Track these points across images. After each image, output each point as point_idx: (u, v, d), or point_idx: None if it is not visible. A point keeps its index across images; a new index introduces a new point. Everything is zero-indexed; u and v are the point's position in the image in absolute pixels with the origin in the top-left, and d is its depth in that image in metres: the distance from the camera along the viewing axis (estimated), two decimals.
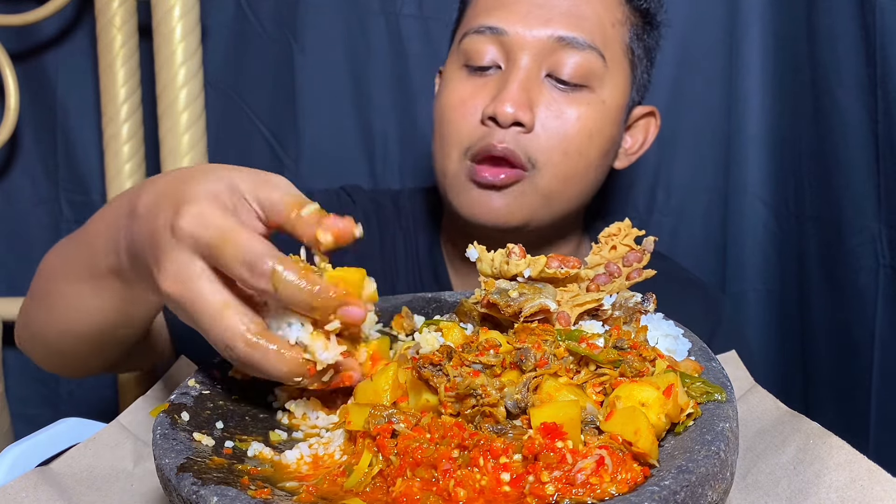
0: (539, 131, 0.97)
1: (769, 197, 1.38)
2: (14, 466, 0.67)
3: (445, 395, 0.55)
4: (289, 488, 0.52)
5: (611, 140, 1.03)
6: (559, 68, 0.97)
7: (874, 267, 1.23)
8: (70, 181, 1.51)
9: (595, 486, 0.46)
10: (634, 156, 1.13)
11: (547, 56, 0.97)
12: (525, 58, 0.97)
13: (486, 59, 1.00)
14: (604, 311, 0.65)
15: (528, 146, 0.97)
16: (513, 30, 0.98)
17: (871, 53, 1.17)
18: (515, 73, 0.97)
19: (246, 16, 1.44)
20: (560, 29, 0.97)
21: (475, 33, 1.00)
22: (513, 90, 0.96)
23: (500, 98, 0.96)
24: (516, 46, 0.97)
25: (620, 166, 1.11)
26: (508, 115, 0.95)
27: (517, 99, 0.95)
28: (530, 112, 0.96)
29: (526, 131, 0.97)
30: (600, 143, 1.01)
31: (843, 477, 0.57)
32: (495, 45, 0.99)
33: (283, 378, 0.57)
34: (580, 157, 0.99)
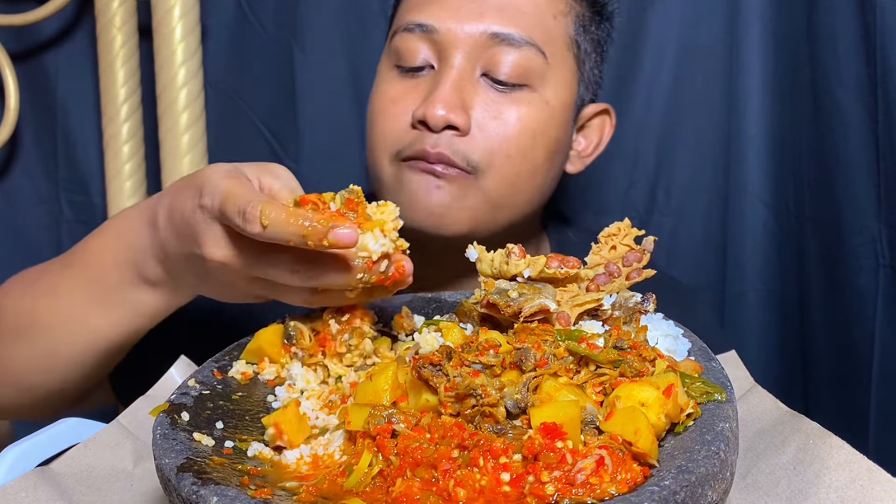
0: (476, 134, 0.90)
1: (769, 197, 1.38)
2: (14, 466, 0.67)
3: (445, 395, 0.55)
4: (289, 488, 0.52)
5: (557, 142, 0.96)
6: (495, 67, 0.91)
7: (874, 267, 1.23)
8: (70, 181, 1.51)
9: (595, 486, 0.46)
10: (589, 158, 1.06)
11: (481, 53, 0.91)
12: (458, 56, 0.91)
13: (418, 58, 0.93)
14: (604, 311, 0.65)
15: (465, 150, 0.90)
16: (444, 26, 0.91)
17: (872, 53, 1.17)
18: (448, 73, 0.91)
19: (246, 16, 1.44)
20: (494, 24, 0.90)
21: (405, 31, 0.94)
22: (444, 91, 0.89)
23: (430, 100, 0.89)
24: (448, 44, 0.91)
25: (574, 170, 1.05)
26: (439, 118, 0.88)
27: (449, 100, 0.89)
28: (464, 114, 0.90)
29: (461, 135, 0.90)
30: (545, 145, 0.94)
31: (843, 477, 0.57)
32: (426, 43, 0.93)
33: (350, 281, 0.64)
34: (524, 160, 0.92)
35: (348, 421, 0.56)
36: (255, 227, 0.61)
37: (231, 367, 0.68)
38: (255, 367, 0.69)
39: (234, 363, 0.69)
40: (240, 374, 0.68)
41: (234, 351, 0.71)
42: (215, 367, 0.68)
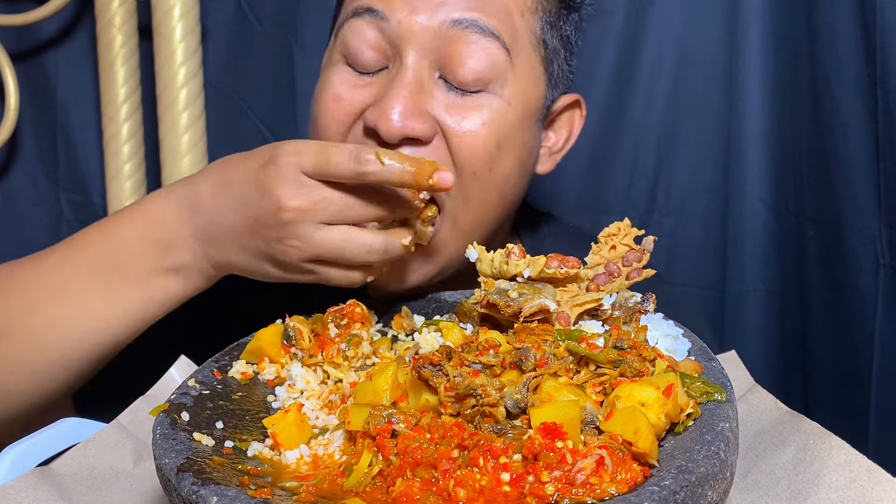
0: (438, 143, 0.80)
1: (769, 197, 1.38)
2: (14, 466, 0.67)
3: (445, 396, 0.55)
4: (289, 488, 0.52)
5: (522, 148, 0.86)
6: (454, 67, 0.80)
7: (874, 267, 1.23)
8: (70, 181, 1.51)
9: (595, 486, 0.46)
10: (559, 154, 0.97)
11: (439, 50, 0.80)
12: (412, 55, 0.80)
13: (368, 59, 0.82)
14: (603, 311, 0.65)
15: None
16: (395, 15, 0.80)
17: (871, 53, 1.17)
18: (402, 74, 0.80)
19: (246, 16, 1.44)
20: (454, 11, 0.79)
21: (354, 17, 0.83)
22: (399, 96, 0.78)
23: (383, 105, 0.78)
24: (402, 39, 0.80)
25: (545, 171, 0.95)
26: (396, 129, 0.77)
27: (405, 107, 0.78)
28: (422, 121, 0.79)
29: (422, 144, 0.80)
30: (513, 152, 0.84)
31: (843, 477, 0.57)
32: (377, 32, 0.81)
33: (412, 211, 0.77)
34: (493, 171, 0.82)
35: (348, 421, 0.56)
36: (372, 166, 0.69)
37: (231, 367, 0.68)
38: (255, 367, 0.69)
39: (234, 363, 0.69)
40: (240, 374, 0.68)
41: (234, 351, 0.71)
42: (215, 367, 0.68)
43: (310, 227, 0.71)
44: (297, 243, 0.72)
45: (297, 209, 0.71)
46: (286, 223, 0.71)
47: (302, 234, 0.72)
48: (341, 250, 0.73)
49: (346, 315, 0.71)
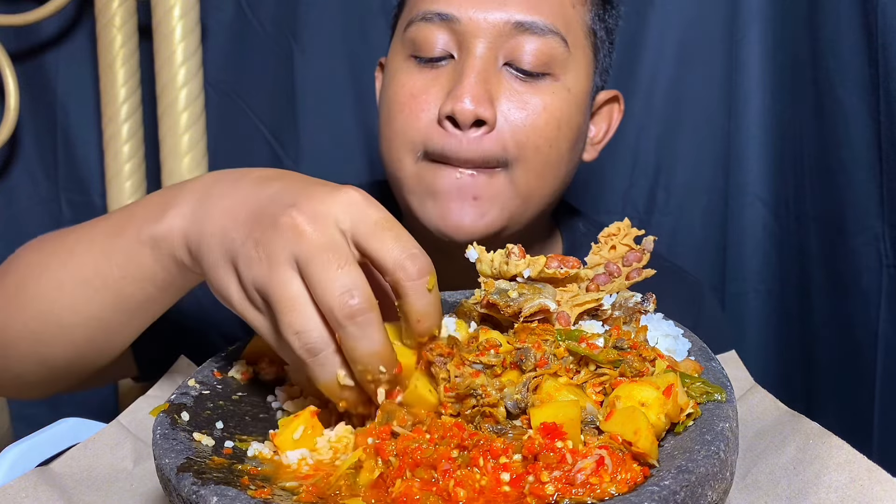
0: (503, 126, 0.88)
1: (769, 197, 1.38)
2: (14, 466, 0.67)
3: (445, 396, 0.55)
4: (289, 488, 0.52)
5: (578, 130, 0.95)
6: (519, 56, 0.89)
7: (877, 267, 1.22)
8: (70, 181, 1.51)
9: (595, 486, 0.46)
10: (600, 145, 1.05)
11: (504, 43, 0.89)
12: (480, 46, 0.88)
13: (437, 48, 0.90)
14: (604, 310, 0.65)
15: (492, 148, 0.88)
16: (465, 15, 0.88)
17: (873, 53, 1.17)
18: (471, 64, 0.88)
19: (246, 16, 1.44)
20: (517, 12, 0.88)
21: (422, 20, 0.90)
22: (470, 83, 0.86)
23: (456, 93, 0.86)
24: (469, 34, 0.88)
25: (589, 158, 1.04)
26: (468, 112, 0.86)
27: (476, 93, 0.86)
28: (491, 107, 0.87)
29: (488, 129, 0.88)
30: (569, 134, 0.93)
31: (843, 477, 0.57)
32: (446, 32, 0.89)
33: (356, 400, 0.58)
34: (551, 150, 0.91)
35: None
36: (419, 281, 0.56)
37: (231, 367, 0.68)
38: (255, 367, 0.69)
39: (234, 363, 0.69)
40: (240, 374, 0.68)
41: (234, 351, 0.71)
42: (215, 367, 0.68)
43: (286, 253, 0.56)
44: (263, 255, 0.57)
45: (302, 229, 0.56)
46: (278, 226, 0.57)
47: (276, 250, 0.56)
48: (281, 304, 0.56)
49: None
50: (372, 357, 0.55)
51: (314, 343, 0.55)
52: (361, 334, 0.54)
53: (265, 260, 0.57)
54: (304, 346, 0.55)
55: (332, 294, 0.54)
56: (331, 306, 0.54)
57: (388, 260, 0.56)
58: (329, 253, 0.55)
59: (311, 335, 0.55)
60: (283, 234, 0.56)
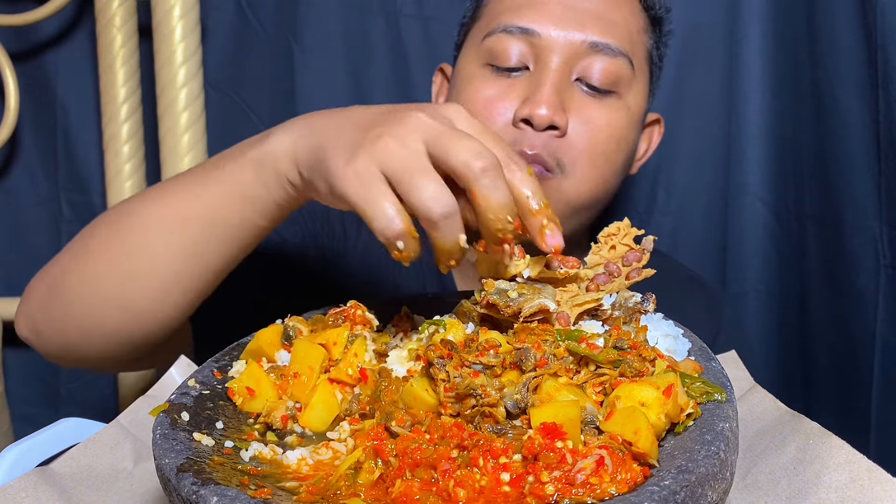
0: (571, 136, 0.95)
1: (769, 197, 1.38)
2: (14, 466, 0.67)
3: (445, 396, 0.55)
4: (289, 488, 0.52)
5: (632, 147, 1.03)
6: (590, 73, 0.96)
7: (875, 267, 1.23)
8: (70, 181, 1.51)
9: (595, 486, 0.46)
10: (640, 162, 1.12)
11: (578, 60, 0.95)
12: (556, 60, 0.95)
13: (514, 59, 0.97)
14: (603, 310, 0.65)
15: (558, 152, 0.94)
16: (545, 31, 0.95)
17: (872, 54, 1.17)
18: (547, 75, 0.94)
19: (246, 16, 1.44)
20: (593, 34, 0.95)
21: (503, 32, 0.97)
22: (547, 92, 0.93)
23: (534, 100, 0.93)
24: (548, 49, 0.95)
25: (633, 172, 1.11)
26: (544, 117, 0.92)
27: (552, 101, 0.93)
28: (564, 115, 0.94)
29: (559, 135, 0.94)
30: (625, 150, 1.00)
31: (843, 477, 0.57)
32: (525, 44, 0.96)
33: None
34: (607, 165, 0.98)
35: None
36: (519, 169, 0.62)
37: (231, 367, 0.68)
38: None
39: (234, 363, 0.69)
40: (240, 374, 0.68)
41: (234, 351, 0.71)
42: (215, 367, 0.68)
43: (416, 135, 0.62)
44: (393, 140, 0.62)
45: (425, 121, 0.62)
46: (403, 117, 0.63)
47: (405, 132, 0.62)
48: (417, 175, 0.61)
49: (346, 317, 0.70)
50: (503, 208, 0.61)
51: (448, 207, 0.60)
52: (495, 185, 0.60)
53: (397, 142, 0.62)
54: (441, 209, 0.60)
55: (466, 155, 0.60)
56: (467, 164, 0.60)
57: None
58: (455, 131, 0.62)
59: (446, 199, 0.60)
60: (410, 122, 0.63)
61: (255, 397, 0.63)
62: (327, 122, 0.70)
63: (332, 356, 0.64)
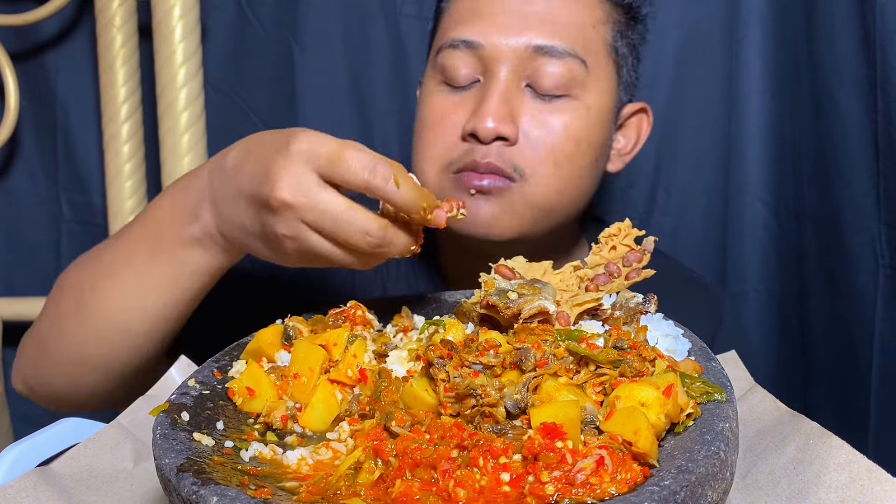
0: (523, 143, 0.94)
1: (769, 197, 1.38)
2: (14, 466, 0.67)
3: (445, 396, 0.55)
4: (289, 488, 0.52)
5: (600, 146, 1.00)
6: (538, 79, 0.94)
7: (874, 267, 1.23)
8: (70, 181, 1.51)
9: (595, 486, 0.46)
10: (629, 156, 1.09)
11: (525, 65, 0.94)
12: (503, 69, 0.94)
13: (463, 75, 0.96)
14: (603, 310, 0.65)
15: (513, 158, 0.93)
16: (488, 41, 0.94)
17: (871, 54, 1.17)
18: (494, 86, 0.93)
19: (246, 16, 1.44)
20: (537, 37, 0.93)
21: (450, 47, 0.96)
22: (493, 104, 0.92)
23: (479, 113, 0.92)
24: (493, 59, 0.94)
25: (615, 169, 1.08)
26: (489, 130, 0.91)
27: (498, 113, 0.92)
28: (513, 124, 0.93)
29: (510, 144, 0.93)
30: (589, 150, 0.97)
31: (843, 477, 0.57)
32: (472, 57, 0.95)
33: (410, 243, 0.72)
34: (571, 166, 0.96)
35: None
36: (387, 185, 0.67)
37: (231, 367, 0.68)
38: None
39: (234, 363, 0.69)
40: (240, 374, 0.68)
41: (234, 351, 0.71)
42: (215, 367, 0.68)
43: (300, 224, 0.69)
44: (286, 232, 0.70)
45: (289, 203, 0.68)
46: (276, 212, 0.69)
47: (292, 227, 0.70)
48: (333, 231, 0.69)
49: (346, 317, 0.71)
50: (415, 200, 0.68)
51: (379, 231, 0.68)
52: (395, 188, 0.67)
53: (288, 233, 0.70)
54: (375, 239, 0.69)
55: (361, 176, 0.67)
56: (367, 182, 0.67)
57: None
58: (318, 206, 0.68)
59: (373, 228, 0.68)
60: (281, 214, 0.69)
61: (255, 397, 0.63)
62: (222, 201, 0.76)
63: (332, 357, 0.64)
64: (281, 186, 0.68)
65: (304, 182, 0.68)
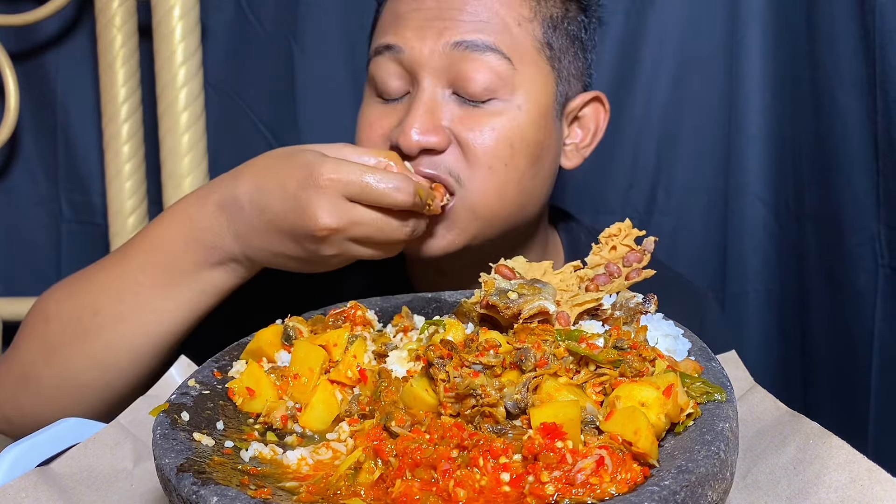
0: (453, 151, 0.90)
1: (769, 197, 1.38)
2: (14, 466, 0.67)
3: (445, 396, 0.55)
4: (289, 488, 0.52)
5: (538, 145, 0.94)
6: (463, 83, 0.90)
7: (873, 267, 1.23)
8: (70, 181, 1.51)
9: (595, 486, 0.46)
10: (588, 149, 1.04)
11: (448, 70, 0.90)
12: (427, 78, 0.91)
13: (394, 88, 0.93)
14: (603, 310, 0.65)
15: (447, 164, 0.90)
16: (408, 45, 0.91)
17: (871, 54, 1.17)
18: (419, 97, 0.90)
19: (246, 16, 1.44)
20: (455, 35, 0.90)
21: (376, 55, 0.95)
22: (417, 115, 0.89)
23: (403, 126, 0.89)
24: (415, 65, 0.91)
25: (572, 165, 1.02)
26: (414, 143, 0.88)
27: (423, 124, 0.89)
28: (438, 134, 0.89)
29: (438, 153, 0.90)
30: (525, 151, 0.92)
31: (843, 477, 0.57)
32: (395, 63, 0.93)
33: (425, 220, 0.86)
34: (508, 170, 0.91)
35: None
36: (410, 198, 0.78)
37: (231, 367, 0.68)
38: None
39: (234, 363, 0.69)
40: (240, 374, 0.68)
41: (234, 351, 0.71)
42: (215, 367, 0.68)
43: (345, 241, 0.79)
44: (333, 252, 0.80)
45: (335, 229, 0.77)
46: (323, 239, 0.78)
47: (338, 246, 0.80)
48: (377, 237, 0.81)
49: (346, 317, 0.71)
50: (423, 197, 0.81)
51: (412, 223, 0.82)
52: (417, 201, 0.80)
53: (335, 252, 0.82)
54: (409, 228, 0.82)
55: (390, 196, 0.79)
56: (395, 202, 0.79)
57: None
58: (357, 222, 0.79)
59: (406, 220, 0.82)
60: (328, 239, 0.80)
61: (255, 397, 0.63)
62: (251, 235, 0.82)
63: (332, 357, 0.64)
64: (322, 216, 0.76)
65: (340, 207, 0.77)
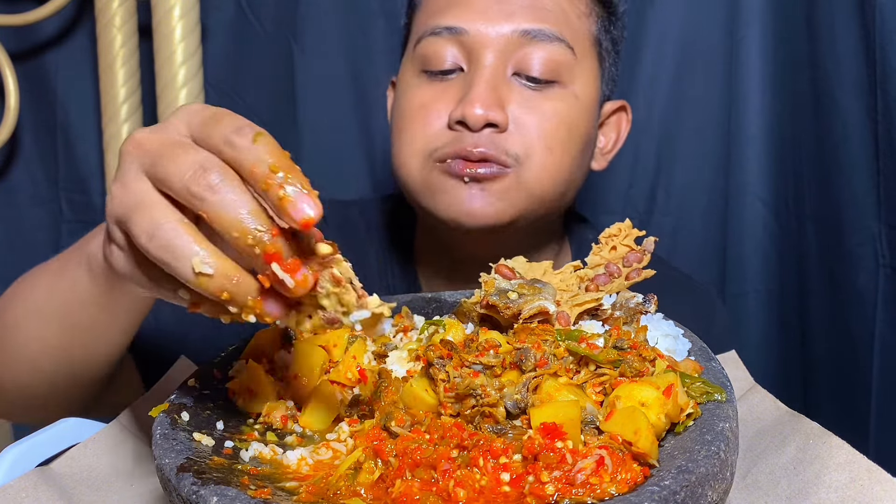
0: (514, 129, 0.91)
1: (769, 197, 1.38)
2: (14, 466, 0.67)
3: (445, 396, 0.55)
4: (289, 488, 0.52)
5: (587, 136, 0.97)
6: (527, 65, 0.91)
7: (874, 267, 1.23)
8: (70, 181, 1.51)
9: (595, 486, 0.46)
10: (610, 154, 1.07)
11: (512, 53, 0.91)
12: (489, 56, 0.91)
13: (447, 62, 0.93)
14: (603, 310, 0.65)
15: (505, 145, 0.90)
16: (473, 28, 0.91)
17: (871, 54, 1.17)
18: (481, 73, 0.91)
19: (246, 16, 1.44)
20: (524, 23, 0.91)
21: (432, 35, 0.93)
22: (480, 90, 0.89)
23: (467, 100, 0.89)
24: (478, 45, 0.91)
25: (598, 167, 1.05)
26: (479, 116, 0.88)
27: (486, 99, 0.89)
28: (502, 111, 0.90)
29: (500, 131, 0.90)
30: (579, 139, 0.95)
31: (843, 477, 0.57)
32: (455, 45, 0.93)
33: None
34: (563, 153, 0.93)
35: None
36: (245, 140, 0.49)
37: (231, 367, 0.68)
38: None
39: (233, 363, 0.69)
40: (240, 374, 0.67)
41: (234, 351, 0.71)
42: (215, 367, 0.68)
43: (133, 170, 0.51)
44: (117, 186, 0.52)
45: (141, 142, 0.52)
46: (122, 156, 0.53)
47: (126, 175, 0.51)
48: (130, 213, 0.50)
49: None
50: (244, 217, 0.47)
51: (165, 235, 0.48)
52: (225, 198, 0.47)
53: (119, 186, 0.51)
54: (158, 243, 0.48)
55: (184, 173, 0.48)
56: (186, 185, 0.48)
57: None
58: (171, 146, 0.50)
59: (163, 227, 0.48)
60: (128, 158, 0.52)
61: (255, 397, 0.63)
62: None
63: (332, 358, 0.64)
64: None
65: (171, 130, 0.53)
